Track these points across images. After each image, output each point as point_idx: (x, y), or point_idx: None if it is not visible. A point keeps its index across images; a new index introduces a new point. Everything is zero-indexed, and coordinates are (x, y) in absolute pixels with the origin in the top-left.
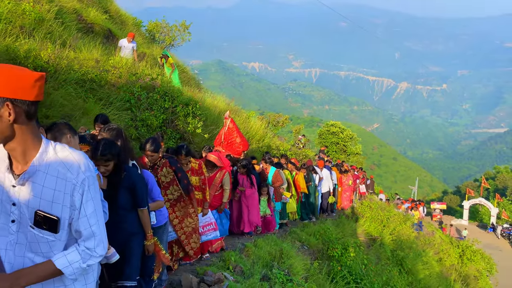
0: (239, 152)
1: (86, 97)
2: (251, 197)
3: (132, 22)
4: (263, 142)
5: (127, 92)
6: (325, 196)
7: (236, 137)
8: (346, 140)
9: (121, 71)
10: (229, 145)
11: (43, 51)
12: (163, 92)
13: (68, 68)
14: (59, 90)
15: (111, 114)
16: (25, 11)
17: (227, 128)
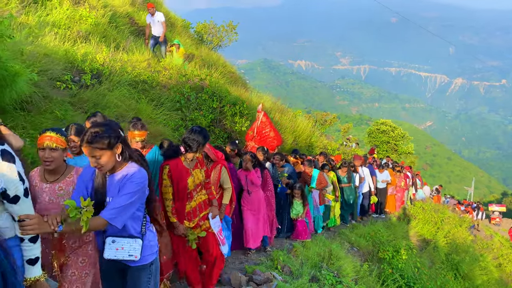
0: (273, 146)
1: (139, 98)
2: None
3: (181, 24)
4: (310, 141)
5: (177, 92)
6: (365, 196)
7: (270, 131)
8: (397, 139)
9: (172, 73)
10: (262, 139)
11: (98, 54)
12: (211, 92)
13: (122, 70)
14: (113, 92)
15: (162, 114)
16: (82, 17)
17: (259, 122)
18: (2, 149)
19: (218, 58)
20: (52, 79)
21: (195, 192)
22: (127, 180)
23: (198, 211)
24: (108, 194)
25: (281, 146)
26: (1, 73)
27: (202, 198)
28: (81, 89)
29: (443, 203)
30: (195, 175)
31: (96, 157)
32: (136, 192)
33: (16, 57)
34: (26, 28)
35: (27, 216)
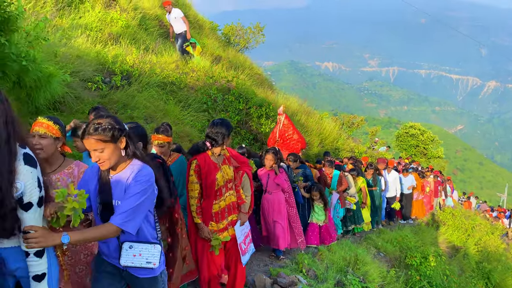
0: (297, 150)
1: (167, 99)
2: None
3: (209, 26)
4: (337, 143)
5: (204, 94)
6: (390, 201)
7: (293, 133)
8: (427, 143)
9: (199, 74)
10: (285, 143)
11: (128, 56)
12: (238, 94)
13: (151, 71)
14: (142, 93)
15: (189, 115)
16: (113, 19)
17: (281, 125)
18: (24, 153)
19: (245, 60)
20: (83, 80)
21: (224, 189)
22: (132, 180)
23: (226, 212)
24: (114, 196)
25: (307, 149)
26: (36, 74)
27: (232, 199)
28: (111, 90)
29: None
30: (224, 171)
31: (98, 151)
32: (144, 191)
33: (50, 59)
34: (59, 31)
35: (31, 228)
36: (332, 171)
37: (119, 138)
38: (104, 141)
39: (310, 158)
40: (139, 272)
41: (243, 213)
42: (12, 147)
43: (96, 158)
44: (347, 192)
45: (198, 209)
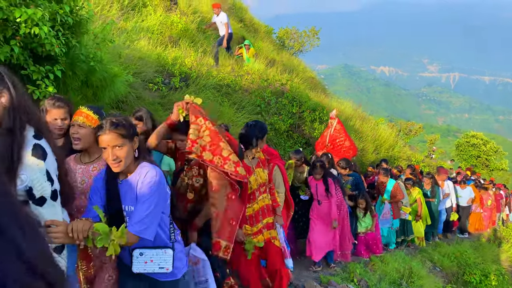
0: (348, 157)
1: (222, 101)
2: (325, 210)
3: (264, 29)
4: (393, 151)
5: (258, 97)
6: (447, 212)
7: (345, 140)
8: (490, 154)
9: (254, 77)
10: (335, 149)
11: (187, 59)
12: (291, 97)
13: (208, 74)
14: (199, 95)
15: (243, 118)
16: (173, 23)
17: (333, 129)
18: (35, 144)
19: (299, 63)
20: (144, 81)
21: (258, 193)
22: (142, 184)
23: (260, 215)
24: (126, 202)
25: (361, 156)
26: (102, 74)
27: (266, 202)
28: (170, 91)
29: None
30: (257, 174)
31: (116, 147)
32: (155, 194)
33: (115, 60)
34: (123, 33)
35: (53, 222)
36: (387, 179)
37: (134, 136)
38: (123, 136)
39: (364, 166)
40: (159, 276)
41: (279, 215)
42: (18, 136)
43: (113, 156)
44: (401, 202)
45: None
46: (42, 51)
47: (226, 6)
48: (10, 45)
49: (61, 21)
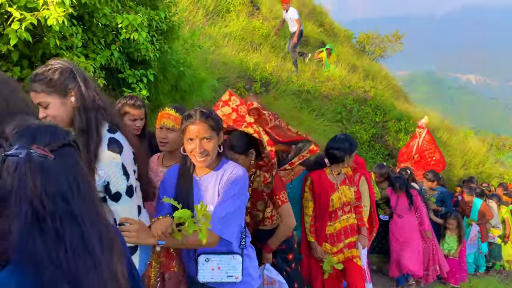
0: (437, 171)
1: (301, 107)
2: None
3: (344, 34)
4: (483, 167)
5: (339, 104)
6: None
7: (434, 152)
8: None
9: (335, 83)
10: (423, 161)
11: (268, 64)
12: (375, 105)
13: (288, 79)
14: (279, 100)
15: (322, 125)
16: (255, 28)
17: (421, 139)
18: (110, 137)
19: (380, 70)
20: (227, 86)
21: (341, 212)
22: (227, 181)
23: (343, 235)
24: (204, 200)
25: (448, 171)
26: (191, 79)
27: (350, 221)
28: None
29: None
30: (342, 192)
31: (206, 139)
32: (240, 193)
33: (201, 65)
34: (210, 39)
35: (126, 220)
36: (472, 199)
37: (220, 130)
38: (212, 128)
39: (452, 182)
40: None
41: (363, 236)
42: (94, 135)
43: (201, 148)
44: (489, 223)
45: (312, 227)
46: (138, 56)
47: (307, 10)
48: (111, 50)
49: (156, 27)
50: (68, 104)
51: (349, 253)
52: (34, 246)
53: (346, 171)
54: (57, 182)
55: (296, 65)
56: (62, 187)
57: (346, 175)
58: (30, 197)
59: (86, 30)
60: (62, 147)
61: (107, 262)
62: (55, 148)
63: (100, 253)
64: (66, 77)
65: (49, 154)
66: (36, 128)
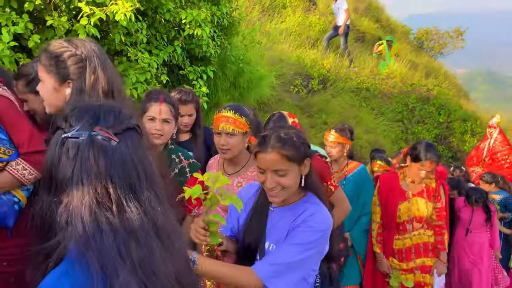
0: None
1: (360, 105)
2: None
3: (401, 30)
4: None
5: (399, 103)
6: None
7: (509, 153)
8: None
9: (395, 81)
10: (496, 164)
11: (325, 60)
12: (438, 105)
13: (346, 77)
14: (336, 98)
15: (381, 125)
16: (311, 24)
17: (493, 140)
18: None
19: (439, 67)
20: (283, 83)
21: (410, 226)
22: (302, 223)
23: (413, 253)
24: (269, 238)
25: None
26: (249, 76)
27: (424, 239)
28: (309, 94)
29: None
30: (413, 204)
31: (279, 172)
32: (314, 243)
33: (258, 62)
34: (265, 35)
35: None
36: None
37: (305, 159)
38: (289, 159)
39: None
40: None
41: (442, 262)
42: None
43: (273, 183)
44: None
45: (379, 236)
46: (199, 52)
47: (362, 6)
48: (174, 46)
49: (217, 23)
50: (62, 93)
51: (421, 277)
52: (100, 240)
53: (429, 183)
54: (123, 168)
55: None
56: (129, 173)
57: (427, 187)
58: (94, 184)
59: (149, 27)
60: (127, 130)
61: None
62: (120, 131)
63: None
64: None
65: (113, 137)
66: (99, 108)
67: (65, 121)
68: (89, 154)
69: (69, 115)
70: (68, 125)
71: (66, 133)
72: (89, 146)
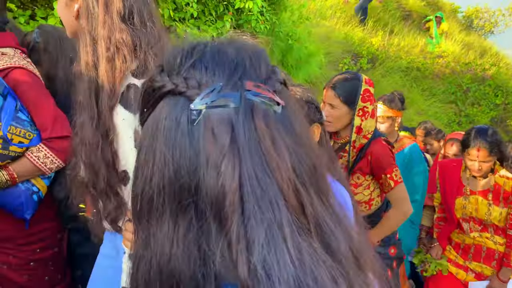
0: None
1: (410, 86)
2: None
3: (449, 8)
4: None
5: (452, 83)
6: None
7: None
8: None
9: (447, 60)
10: None
11: (373, 39)
12: (495, 86)
13: (395, 56)
14: (386, 78)
15: (433, 107)
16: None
17: None
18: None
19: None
20: (331, 61)
21: (466, 225)
22: None
23: (470, 253)
24: None
25: None
26: (298, 53)
27: (490, 245)
28: None
29: None
30: (472, 202)
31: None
32: None
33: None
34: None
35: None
36: None
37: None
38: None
39: None
40: None
41: (499, 281)
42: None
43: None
44: None
45: (438, 220)
46: (248, 27)
47: None
48: (223, 21)
49: None
50: (71, 10)
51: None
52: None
53: (502, 183)
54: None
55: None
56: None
57: (498, 188)
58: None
59: (198, 2)
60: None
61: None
62: (279, 87)
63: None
64: None
65: (278, 100)
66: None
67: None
68: (259, 133)
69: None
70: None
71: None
72: (249, 119)
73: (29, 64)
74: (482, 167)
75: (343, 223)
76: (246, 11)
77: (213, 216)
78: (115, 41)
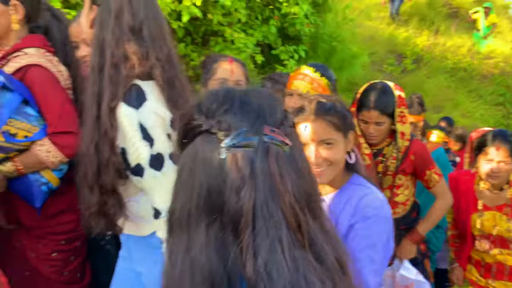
0: None
1: (456, 88)
2: None
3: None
4: None
5: (501, 85)
6: None
7: None
8: None
9: (497, 61)
10: None
11: (418, 38)
12: None
13: (441, 56)
14: (431, 79)
15: (479, 109)
16: None
17: None
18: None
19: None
20: (375, 62)
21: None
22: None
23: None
24: None
25: None
26: (342, 55)
27: (509, 261)
28: (402, 74)
29: None
30: (489, 218)
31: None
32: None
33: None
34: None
35: None
36: None
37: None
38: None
39: None
40: None
41: None
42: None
43: (319, 157)
44: None
45: (453, 238)
46: (292, 31)
47: None
48: (269, 25)
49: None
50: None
51: None
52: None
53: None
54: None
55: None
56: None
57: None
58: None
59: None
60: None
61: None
62: (288, 131)
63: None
64: None
65: (287, 141)
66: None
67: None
68: (271, 169)
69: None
70: (218, 125)
71: (222, 139)
72: (264, 157)
73: (48, 61)
74: (500, 170)
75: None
76: (291, 15)
77: (231, 230)
78: (122, 49)
